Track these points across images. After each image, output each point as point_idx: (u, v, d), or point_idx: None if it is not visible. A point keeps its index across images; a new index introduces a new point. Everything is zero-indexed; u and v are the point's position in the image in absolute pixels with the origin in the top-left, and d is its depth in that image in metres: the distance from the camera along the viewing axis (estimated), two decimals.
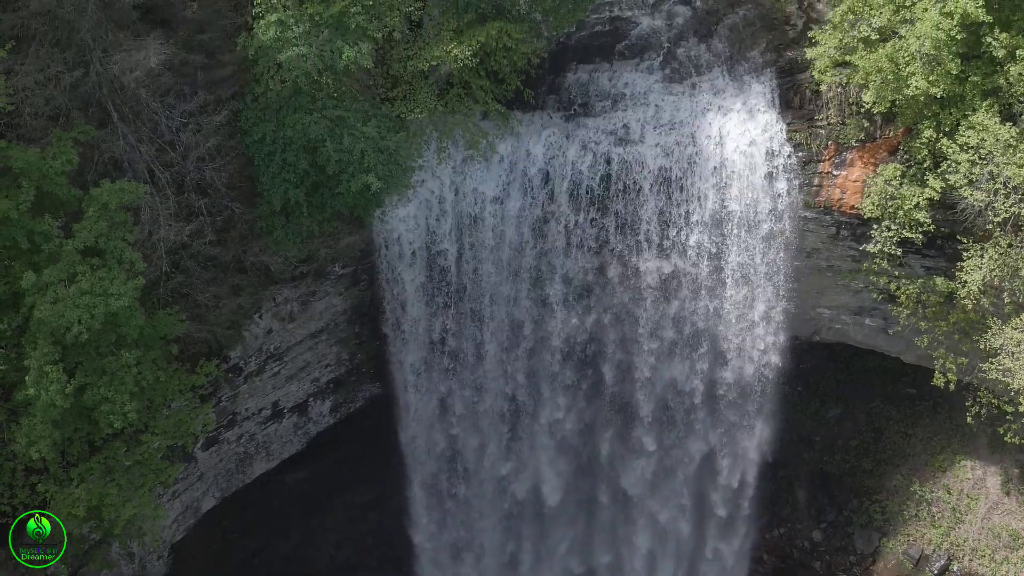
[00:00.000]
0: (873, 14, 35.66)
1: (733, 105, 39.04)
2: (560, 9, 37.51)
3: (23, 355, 29.37)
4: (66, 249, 29.41)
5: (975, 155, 35.49)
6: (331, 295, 40.47)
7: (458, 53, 35.80)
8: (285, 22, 34.31)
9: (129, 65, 32.16)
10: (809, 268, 42.50)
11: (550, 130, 38.92)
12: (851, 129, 38.58)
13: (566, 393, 44.67)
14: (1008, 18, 34.95)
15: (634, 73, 39.44)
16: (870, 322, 44.41)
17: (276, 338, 39.79)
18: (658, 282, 40.88)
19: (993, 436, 46.46)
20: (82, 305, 28.51)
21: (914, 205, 37.27)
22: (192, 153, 34.25)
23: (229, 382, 38.87)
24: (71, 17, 31.60)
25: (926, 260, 39.91)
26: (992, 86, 35.52)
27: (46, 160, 29.91)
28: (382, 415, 45.36)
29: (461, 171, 38.65)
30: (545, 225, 39.90)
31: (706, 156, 38.74)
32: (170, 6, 34.38)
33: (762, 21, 39.93)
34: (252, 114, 35.53)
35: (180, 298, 34.73)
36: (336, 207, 36.88)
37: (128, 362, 30.02)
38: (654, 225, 39.67)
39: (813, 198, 40.03)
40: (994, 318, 38.46)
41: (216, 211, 35.49)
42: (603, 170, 38.84)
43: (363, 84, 36.99)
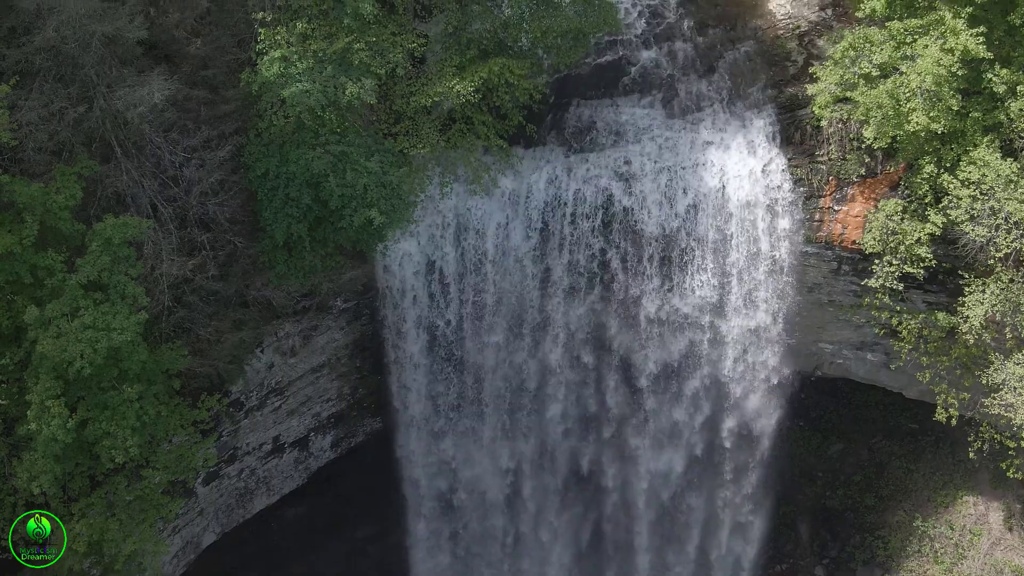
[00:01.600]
0: (874, 50, 35.82)
1: (734, 141, 39.14)
2: (562, 46, 37.71)
3: (25, 390, 29.36)
4: (69, 283, 29.41)
5: (976, 190, 35.59)
6: (333, 329, 40.46)
7: (461, 89, 35.92)
8: (289, 58, 34.49)
9: (133, 100, 32.20)
10: (810, 303, 42.53)
11: (552, 165, 38.99)
12: (852, 164, 38.70)
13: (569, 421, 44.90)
14: (1008, 54, 35.18)
15: (635, 109, 39.59)
16: (872, 357, 44.41)
17: (277, 372, 39.74)
18: (659, 315, 40.87)
19: (995, 471, 46.39)
20: (85, 339, 28.52)
21: (915, 240, 37.35)
22: (195, 188, 34.28)
23: (230, 417, 38.79)
24: (75, 53, 31.70)
25: (927, 295, 39.95)
26: (993, 122, 35.68)
27: (50, 195, 29.98)
28: (383, 450, 45.24)
29: (463, 206, 38.71)
30: (546, 258, 39.93)
31: (707, 191, 38.80)
32: (174, 42, 34.50)
33: (763, 57, 40.16)
34: (255, 149, 35.62)
35: (182, 332, 34.68)
36: (339, 241, 36.93)
37: (130, 397, 29.99)
38: (655, 259, 39.69)
39: (814, 233, 40.11)
40: (996, 353, 38.46)
41: (219, 246, 35.49)
42: (604, 205, 38.87)
43: (366, 120, 37.12)
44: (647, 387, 42.88)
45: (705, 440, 44.74)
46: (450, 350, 41.43)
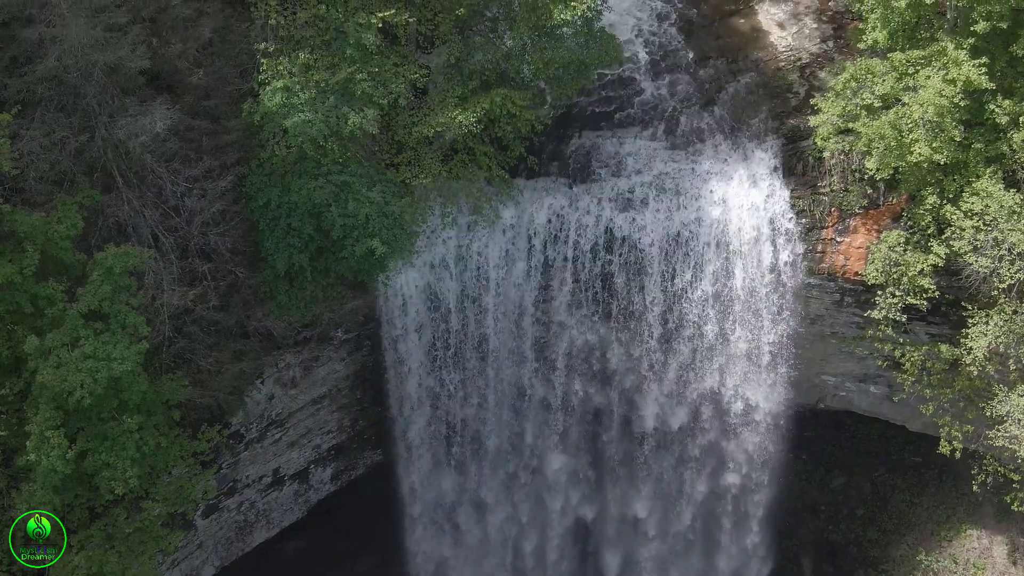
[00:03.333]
0: (876, 82, 35.85)
1: (736, 172, 39.14)
2: (564, 77, 37.76)
3: (25, 420, 29.17)
4: (70, 313, 29.25)
5: (979, 221, 35.52)
6: (334, 360, 40.30)
7: (463, 120, 35.89)
8: (291, 88, 34.54)
9: (135, 130, 32.17)
10: (813, 335, 42.38)
11: (553, 196, 38.96)
12: (854, 196, 38.65)
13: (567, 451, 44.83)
14: (1011, 85, 35.23)
15: (637, 140, 39.64)
16: (875, 389, 44.24)
17: (278, 404, 39.55)
18: (660, 345, 40.75)
19: (999, 505, 46.10)
20: (85, 369, 28.31)
21: (918, 271, 37.22)
22: (197, 218, 34.23)
23: (230, 449, 38.57)
24: (77, 82, 31.69)
25: (930, 327, 39.83)
26: (995, 153, 35.68)
27: (51, 225, 29.88)
28: (383, 482, 45.01)
29: (465, 236, 38.65)
30: (548, 290, 39.84)
31: (709, 223, 38.76)
32: (176, 72, 34.54)
33: (764, 89, 40.28)
34: (257, 179, 35.56)
35: (182, 363, 34.52)
36: (340, 272, 36.83)
37: (130, 427, 29.80)
38: (657, 290, 39.60)
39: (816, 265, 39.99)
40: (1000, 385, 38.31)
41: (220, 276, 35.40)
42: (606, 236, 38.83)
43: (368, 150, 37.10)
44: (649, 419, 42.76)
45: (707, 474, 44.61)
46: (451, 381, 41.28)
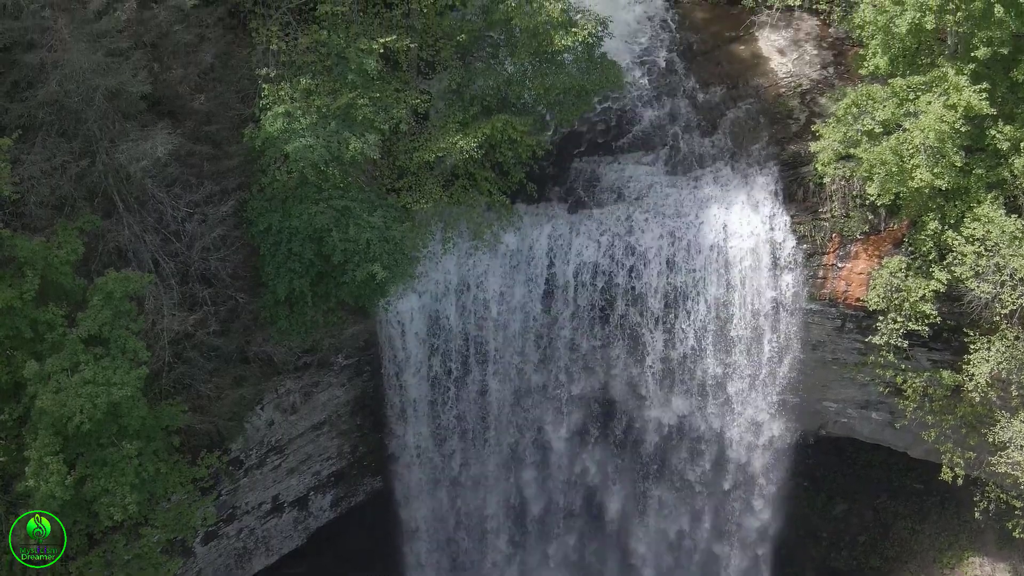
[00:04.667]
0: (876, 108, 35.86)
1: (736, 198, 39.11)
2: (564, 103, 37.80)
3: (24, 446, 29.03)
4: (69, 338, 29.15)
5: (981, 247, 35.49)
6: (334, 386, 40.18)
7: (464, 145, 35.92)
8: (292, 113, 34.58)
9: (136, 155, 32.16)
10: (814, 361, 42.28)
11: (554, 221, 38.93)
12: (855, 221, 38.63)
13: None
14: (1012, 111, 35.29)
15: (638, 166, 39.66)
16: (876, 416, 44.09)
17: (278, 430, 39.41)
18: (661, 371, 40.67)
19: (1001, 532, 45.85)
20: (84, 395, 28.17)
21: (920, 297, 37.12)
22: (197, 243, 34.19)
23: (229, 475, 38.42)
24: (78, 107, 31.67)
25: (932, 353, 39.72)
26: (997, 179, 35.69)
27: (51, 250, 29.81)
28: (383, 509, 44.82)
29: (466, 261, 38.61)
30: (548, 315, 39.79)
31: (710, 248, 38.72)
32: (177, 97, 34.54)
33: (765, 115, 40.34)
34: (258, 204, 35.53)
35: (182, 389, 34.44)
36: (341, 297, 36.75)
37: (129, 453, 29.64)
38: (658, 315, 39.54)
39: (818, 290, 39.95)
40: (1002, 411, 38.23)
41: (220, 301, 35.36)
42: (607, 261, 38.77)
43: (369, 175, 37.12)
44: (651, 444, 42.66)
45: (708, 498, 44.44)
46: (452, 406, 41.19)
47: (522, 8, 35.50)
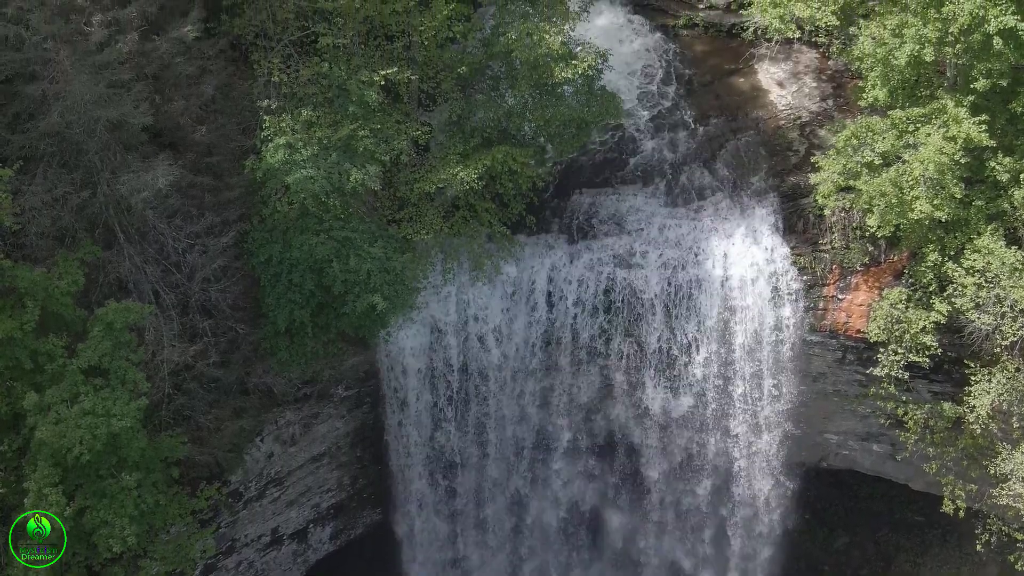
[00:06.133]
0: (876, 139, 35.93)
1: (736, 229, 39.14)
2: (564, 134, 37.92)
3: (23, 477, 28.94)
4: (69, 369, 29.16)
5: (981, 278, 35.48)
6: (334, 418, 40.10)
7: (464, 176, 35.99)
8: (293, 145, 34.68)
9: (137, 186, 32.20)
10: (815, 393, 42.20)
11: (554, 252, 38.96)
12: (855, 253, 38.64)
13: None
14: (1011, 143, 35.33)
15: (638, 197, 39.69)
16: (877, 448, 43.96)
17: (277, 462, 39.30)
18: (662, 404, 40.59)
19: (1003, 565, 45.61)
20: (84, 426, 28.18)
21: (920, 329, 37.05)
22: (198, 274, 34.19)
23: (229, 507, 38.28)
24: (79, 138, 31.76)
25: (933, 384, 39.65)
26: (996, 210, 35.70)
27: (51, 280, 29.85)
28: (383, 542, 44.61)
29: (466, 292, 38.62)
30: (549, 347, 39.75)
31: (710, 280, 38.73)
32: (179, 129, 34.62)
33: (764, 147, 40.44)
34: (259, 235, 35.60)
35: (182, 420, 34.37)
36: (341, 328, 36.76)
37: (129, 485, 29.57)
38: (658, 348, 39.52)
39: (818, 322, 39.90)
40: (1003, 443, 38.10)
41: (220, 332, 35.34)
42: (607, 293, 38.80)
43: (370, 206, 37.20)
44: (653, 479, 42.55)
45: (710, 531, 44.26)
46: (452, 436, 41.11)
47: (523, 41, 35.72)
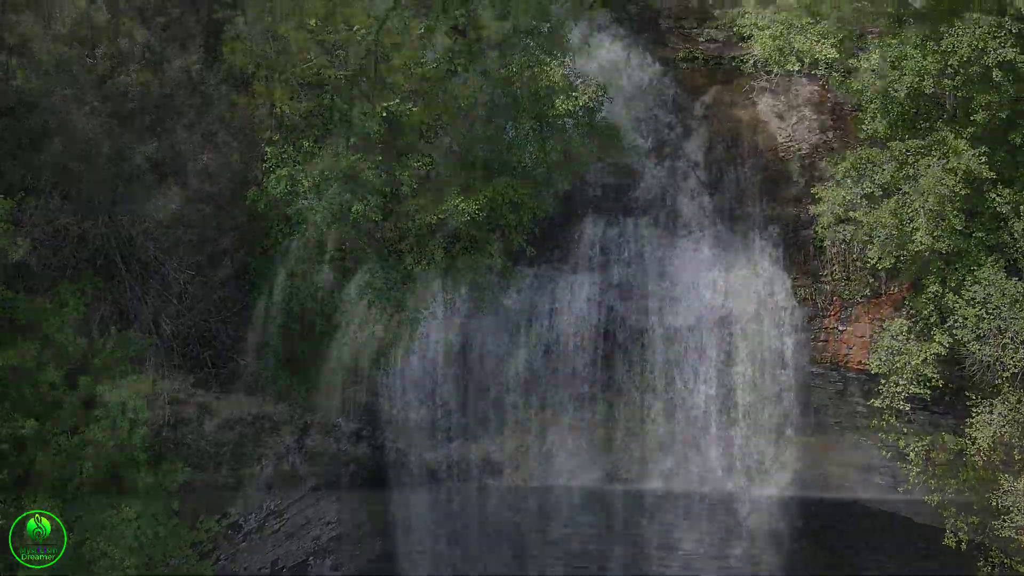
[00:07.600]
0: (876, 171, 36.06)
1: (737, 260, 39.21)
2: (565, 165, 37.98)
3: (22, 508, 28.80)
4: (69, 400, 29.09)
5: (982, 310, 35.48)
6: (334, 448, 39.90)
7: (465, 207, 36.08)
8: (295, 176, 34.76)
9: (138, 217, 32.34)
10: (816, 424, 42.12)
11: (555, 283, 39.02)
12: (856, 285, 38.67)
13: None
14: (1011, 175, 35.43)
15: (638, 227, 39.74)
16: (879, 480, 43.79)
17: (277, 494, 39.15)
18: (664, 433, 40.51)
19: None
20: (83, 456, 28.06)
21: (921, 360, 37.06)
22: (199, 305, 34.24)
23: (228, 539, 38.11)
24: (81, 169, 31.85)
25: (934, 416, 39.59)
26: (997, 241, 35.77)
27: (53, 311, 29.80)
28: (384, 574, 44.40)
29: (467, 323, 38.61)
30: (549, 376, 39.69)
31: (710, 310, 38.76)
32: (181, 160, 34.72)
33: (765, 178, 40.49)
34: (260, 266, 35.60)
35: (182, 451, 34.27)
36: (341, 358, 36.73)
37: (128, 516, 29.46)
38: (659, 378, 39.48)
39: (819, 354, 39.90)
40: (1005, 475, 37.93)
41: (220, 363, 35.32)
42: (607, 323, 38.79)
43: (371, 236, 37.22)
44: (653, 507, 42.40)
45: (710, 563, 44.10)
46: (454, 467, 41.02)
47: (524, 73, 35.82)
